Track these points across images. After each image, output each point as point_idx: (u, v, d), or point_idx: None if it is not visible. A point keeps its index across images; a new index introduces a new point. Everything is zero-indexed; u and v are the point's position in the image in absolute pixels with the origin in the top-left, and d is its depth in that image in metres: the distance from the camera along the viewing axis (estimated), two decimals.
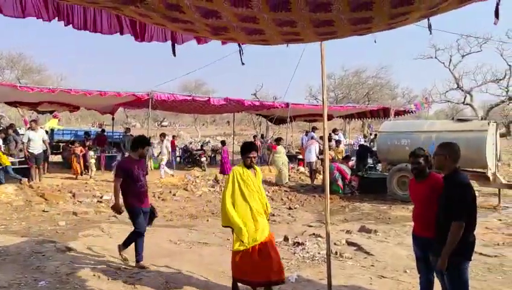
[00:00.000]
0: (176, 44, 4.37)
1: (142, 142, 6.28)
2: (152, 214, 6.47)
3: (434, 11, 2.81)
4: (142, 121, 55.97)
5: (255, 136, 24.74)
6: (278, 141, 16.85)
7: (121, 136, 20.48)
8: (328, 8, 2.47)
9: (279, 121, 23.73)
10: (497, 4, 2.94)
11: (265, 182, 14.91)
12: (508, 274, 6.22)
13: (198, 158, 18.97)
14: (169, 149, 16.98)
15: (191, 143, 26.30)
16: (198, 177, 15.58)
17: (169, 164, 17.07)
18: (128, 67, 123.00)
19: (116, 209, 6.10)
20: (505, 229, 9.12)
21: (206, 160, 19.46)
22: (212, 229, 8.97)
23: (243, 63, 4.04)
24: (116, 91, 14.41)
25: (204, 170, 17.83)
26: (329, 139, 20.41)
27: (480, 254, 6.91)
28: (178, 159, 21.17)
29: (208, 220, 10.09)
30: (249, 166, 5.05)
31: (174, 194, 13.04)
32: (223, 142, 18.64)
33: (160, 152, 16.39)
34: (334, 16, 2.59)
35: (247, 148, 5.09)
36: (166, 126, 62.73)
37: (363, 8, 2.50)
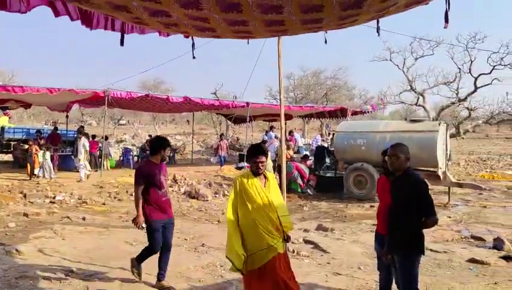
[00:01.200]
0: (124, 34, 4.09)
1: (162, 144, 5.51)
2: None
3: (382, 13, 2.91)
4: (99, 119, 54.53)
5: (221, 135, 24.68)
6: (263, 143, 16.53)
7: (75, 135, 19.75)
8: (280, 10, 2.50)
9: (239, 120, 23.76)
10: (447, 9, 3.08)
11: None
12: (456, 269, 6.49)
13: None
14: (87, 148, 15.93)
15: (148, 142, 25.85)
16: None
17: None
18: (84, 64, 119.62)
19: (139, 222, 5.30)
20: (454, 226, 9.52)
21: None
22: None
23: (193, 57, 4.03)
24: (70, 88, 13.95)
25: None
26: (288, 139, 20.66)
27: (431, 250, 7.18)
28: (136, 158, 20.81)
29: None
30: (255, 173, 4.15)
31: (130, 194, 12.76)
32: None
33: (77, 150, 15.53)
34: (285, 17, 2.63)
35: (254, 151, 4.20)
36: (124, 125, 61.41)
37: (313, 11, 2.55)
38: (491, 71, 25.91)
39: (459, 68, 27.18)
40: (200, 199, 12.52)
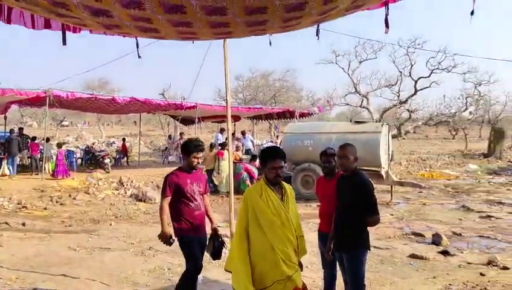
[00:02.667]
0: (66, 32, 3.90)
1: (188, 148, 4.54)
2: (219, 243, 4.74)
3: (324, 17, 3.00)
4: (40, 120, 52.14)
5: (170, 136, 24.29)
6: (224, 146, 15.85)
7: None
8: (224, 12, 2.52)
9: (188, 121, 23.53)
10: (386, 15, 3.22)
11: None
12: (397, 265, 6.77)
13: (101, 159, 18.13)
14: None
15: (93, 144, 25.05)
16: (101, 179, 14.88)
17: None
18: (23, 63, 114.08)
19: (165, 238, 4.55)
20: (396, 223, 9.91)
21: (110, 161, 18.68)
22: (115, 233, 8.64)
23: (139, 56, 3.96)
24: (9, 88, 13.28)
25: (108, 172, 17.10)
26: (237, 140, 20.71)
27: (374, 247, 7.42)
28: (80, 160, 20.08)
29: (110, 224, 9.68)
30: (273, 182, 3.42)
31: (74, 198, 12.31)
32: (59, 145, 17.31)
33: None
34: (229, 18, 2.65)
35: (270, 155, 3.46)
36: (67, 126, 59.09)
37: (257, 12, 2.58)
38: (429, 75, 27.24)
39: (400, 72, 28.38)
40: (148, 202, 12.28)
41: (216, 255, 4.69)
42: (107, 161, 17.96)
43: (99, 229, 9.12)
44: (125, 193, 13.08)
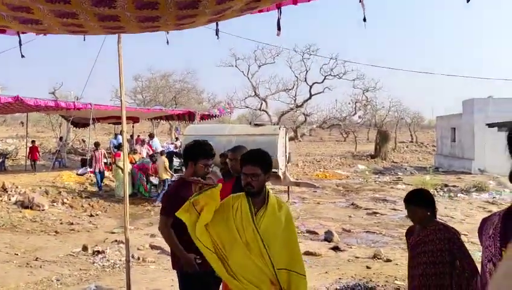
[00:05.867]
0: None
1: (195, 152, 3.54)
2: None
3: (219, 17, 3.03)
4: None
5: (61, 138, 22.67)
6: (120, 147, 14.97)
7: None
8: (112, 5, 2.41)
9: (82, 123, 22.20)
10: (278, 18, 3.36)
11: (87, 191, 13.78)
12: None
13: None
14: None
15: None
16: None
17: None
18: None
19: (190, 264, 3.30)
20: None
21: None
22: None
23: (22, 56, 3.65)
24: None
25: None
26: (143, 143, 20.09)
27: None
28: None
29: None
30: (246, 192, 2.79)
31: None
32: None
33: None
34: (119, 12, 2.55)
35: (243, 159, 2.89)
36: None
37: (148, 7, 2.52)
38: (323, 80, 28.75)
39: (297, 77, 29.59)
40: (35, 209, 11.34)
41: None
42: None
43: None
44: (9, 199, 11.96)
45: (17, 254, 7.26)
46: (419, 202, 3.07)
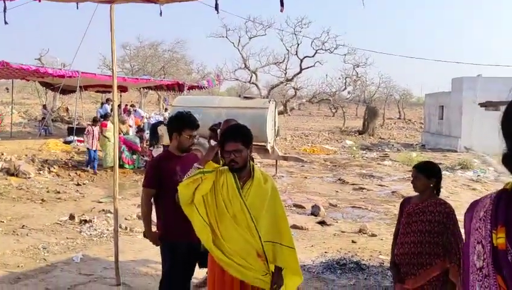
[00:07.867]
0: None
1: (179, 124, 3.54)
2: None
3: None
4: None
5: (44, 106, 22.34)
6: (106, 117, 14.63)
7: None
8: None
9: (68, 90, 21.85)
10: None
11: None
12: None
13: None
14: None
15: None
16: None
17: None
18: None
19: (153, 239, 3.60)
20: (280, 196, 10.37)
21: None
22: None
23: (6, 22, 3.52)
24: None
25: None
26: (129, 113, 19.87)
27: None
28: None
29: None
30: (230, 169, 2.80)
31: None
32: None
33: None
34: None
35: (224, 135, 2.87)
36: None
37: None
38: (314, 54, 28.46)
39: (288, 50, 29.21)
40: (21, 177, 11.25)
41: (203, 262, 3.45)
42: None
43: None
44: None
45: (3, 221, 7.22)
46: (426, 171, 3.20)
